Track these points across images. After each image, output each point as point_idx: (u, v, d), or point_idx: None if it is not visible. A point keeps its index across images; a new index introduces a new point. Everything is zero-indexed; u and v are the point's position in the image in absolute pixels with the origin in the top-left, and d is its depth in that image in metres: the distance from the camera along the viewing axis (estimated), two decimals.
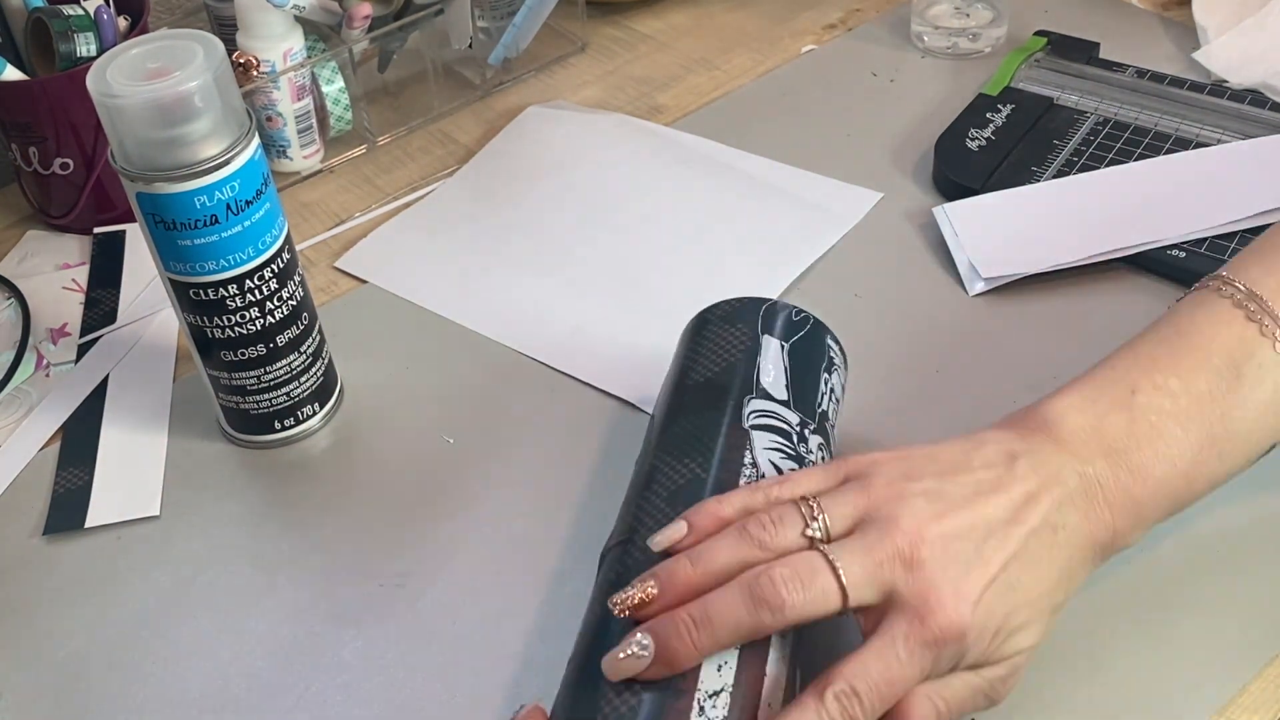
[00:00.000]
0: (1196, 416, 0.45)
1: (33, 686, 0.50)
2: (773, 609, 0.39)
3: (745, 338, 0.50)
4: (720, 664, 0.39)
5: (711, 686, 0.39)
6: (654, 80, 0.84)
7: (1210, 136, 0.70)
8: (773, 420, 0.47)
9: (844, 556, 0.40)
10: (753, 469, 0.45)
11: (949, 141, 0.72)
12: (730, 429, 0.46)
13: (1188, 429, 0.44)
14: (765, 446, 0.46)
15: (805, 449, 0.47)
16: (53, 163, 0.72)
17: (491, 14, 0.85)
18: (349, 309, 0.67)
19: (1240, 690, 0.46)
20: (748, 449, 0.46)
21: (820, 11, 0.89)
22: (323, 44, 0.77)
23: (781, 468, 0.45)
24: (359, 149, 0.79)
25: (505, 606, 0.51)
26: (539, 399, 0.61)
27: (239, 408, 0.58)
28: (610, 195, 0.72)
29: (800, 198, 0.71)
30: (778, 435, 0.46)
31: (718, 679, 0.39)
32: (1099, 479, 0.43)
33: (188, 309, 0.54)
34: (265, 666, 0.50)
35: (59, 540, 0.56)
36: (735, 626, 0.39)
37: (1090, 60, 0.77)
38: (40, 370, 0.66)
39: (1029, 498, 0.42)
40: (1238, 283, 0.47)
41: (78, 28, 0.70)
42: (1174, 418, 0.45)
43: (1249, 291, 0.47)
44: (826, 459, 0.48)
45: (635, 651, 0.39)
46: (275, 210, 0.54)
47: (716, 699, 0.38)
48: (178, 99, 0.49)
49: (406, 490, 0.57)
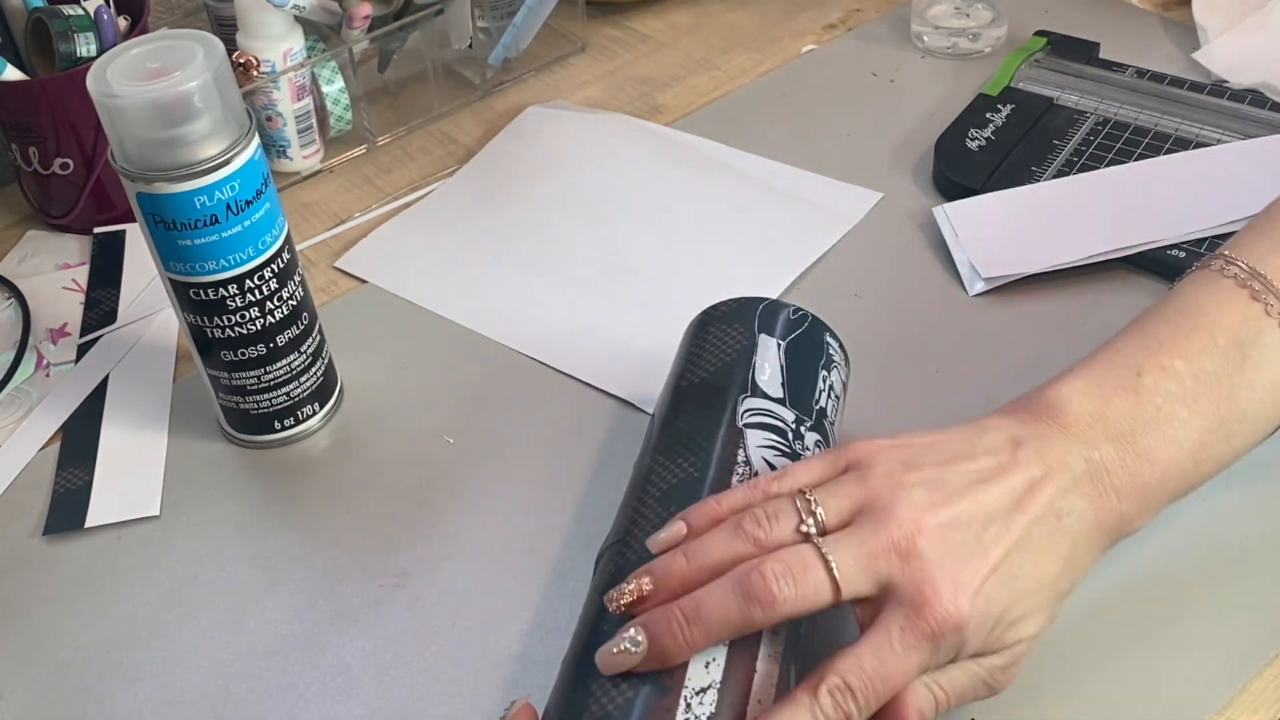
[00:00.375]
0: (1203, 398, 0.44)
1: (33, 686, 0.50)
2: (763, 604, 0.39)
3: (742, 337, 0.50)
4: (709, 660, 0.39)
5: (699, 683, 0.39)
6: (654, 80, 0.84)
7: (1210, 136, 0.70)
8: (767, 418, 0.47)
9: (837, 550, 0.40)
10: (746, 467, 0.45)
11: (949, 141, 0.72)
12: (725, 428, 0.46)
13: (1194, 411, 0.44)
14: (759, 445, 0.46)
15: (801, 446, 0.47)
16: (53, 163, 0.72)
17: (491, 14, 0.85)
18: (349, 309, 0.67)
19: (1240, 690, 0.46)
20: (741, 447, 0.46)
21: (820, 11, 0.89)
22: (323, 44, 0.77)
23: (775, 465, 0.45)
24: (359, 149, 0.79)
25: (505, 606, 0.51)
26: (539, 399, 0.61)
27: (239, 408, 0.58)
28: (610, 195, 0.72)
29: (800, 198, 0.71)
30: (772, 433, 0.46)
31: (705, 676, 0.39)
32: (1105, 464, 0.43)
33: (188, 309, 0.54)
34: (265, 666, 0.50)
35: (59, 540, 0.56)
36: (726, 622, 0.39)
37: (1090, 60, 0.77)
38: (40, 370, 0.66)
39: (1032, 484, 0.42)
40: (1240, 261, 0.47)
41: (78, 28, 0.70)
42: (1180, 400, 0.44)
43: (1252, 270, 0.46)
44: None
45: (627, 646, 0.39)
46: (275, 210, 0.54)
47: (703, 696, 0.38)
48: (178, 99, 0.49)
49: (406, 490, 0.57)
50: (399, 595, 0.52)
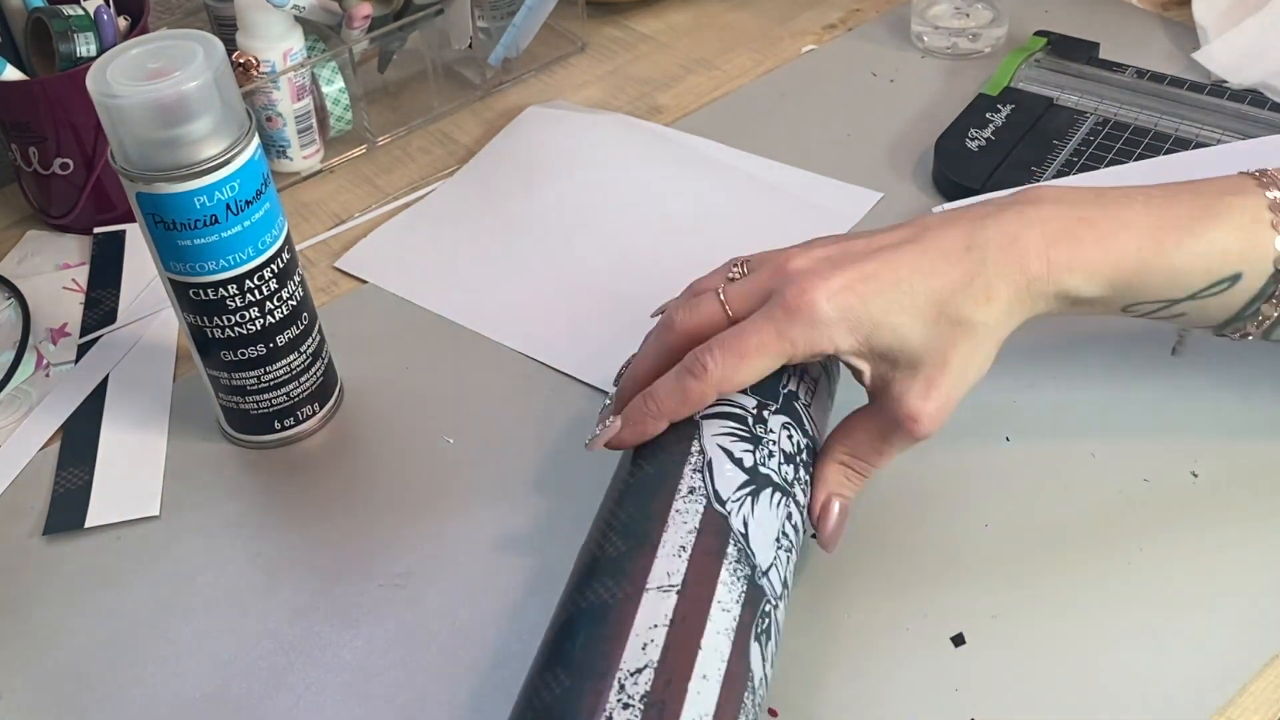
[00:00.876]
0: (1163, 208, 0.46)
1: (33, 686, 0.50)
2: (694, 373, 0.45)
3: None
4: (646, 642, 0.39)
5: (634, 664, 0.39)
6: (654, 80, 0.84)
7: (1210, 136, 0.70)
8: (725, 407, 0.47)
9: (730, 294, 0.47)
10: (700, 455, 0.45)
11: (949, 141, 0.72)
12: (680, 422, 0.47)
13: (1149, 210, 0.45)
14: (715, 433, 0.46)
15: (764, 429, 0.46)
16: (53, 163, 0.72)
17: (491, 14, 0.85)
18: (349, 309, 0.67)
19: (1240, 690, 0.46)
20: (695, 438, 0.46)
21: (820, 11, 0.89)
22: (323, 44, 0.77)
23: (733, 450, 0.45)
24: (359, 149, 0.80)
25: (505, 606, 0.51)
26: (539, 399, 0.61)
27: (239, 408, 0.58)
28: (610, 195, 0.72)
29: (800, 198, 0.71)
30: (729, 420, 0.46)
31: (641, 657, 0.39)
32: (1041, 216, 0.45)
33: (188, 309, 0.54)
34: (265, 666, 0.50)
35: (59, 540, 0.56)
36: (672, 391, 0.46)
37: (1090, 60, 0.77)
38: (40, 370, 0.66)
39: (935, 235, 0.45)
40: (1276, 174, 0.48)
41: (78, 28, 0.70)
42: (1142, 204, 0.46)
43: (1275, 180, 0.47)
44: (794, 438, 0.47)
45: (607, 423, 0.47)
46: (275, 210, 0.54)
47: (638, 676, 0.38)
48: (178, 99, 0.49)
49: (406, 490, 0.57)
50: (399, 595, 0.52)
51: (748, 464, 0.45)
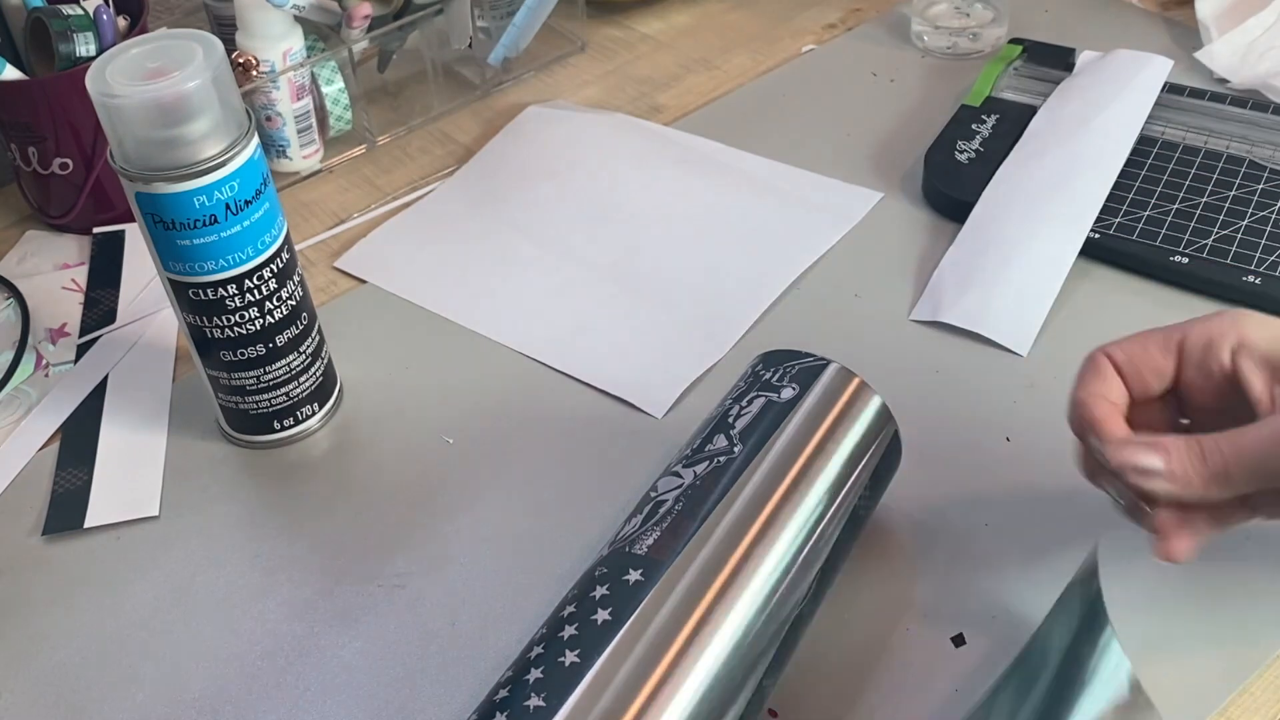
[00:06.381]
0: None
1: (33, 686, 0.50)
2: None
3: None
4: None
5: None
6: (654, 80, 0.84)
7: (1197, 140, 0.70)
8: (673, 457, 0.48)
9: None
10: (653, 491, 0.46)
11: (938, 154, 0.71)
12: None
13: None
14: (662, 476, 0.47)
15: (710, 447, 0.47)
16: (52, 163, 0.72)
17: (491, 14, 0.85)
18: (349, 309, 0.67)
19: (1240, 690, 0.46)
20: (653, 489, 0.46)
21: (820, 11, 0.89)
22: (322, 44, 0.77)
23: (682, 473, 0.46)
24: (359, 149, 0.79)
25: (505, 607, 0.51)
26: (539, 399, 0.61)
27: (238, 408, 0.58)
28: (610, 195, 0.72)
29: (800, 198, 0.71)
30: (671, 467, 0.47)
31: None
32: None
33: (187, 309, 0.54)
34: (265, 666, 0.50)
35: (58, 540, 0.56)
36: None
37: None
38: (39, 370, 0.66)
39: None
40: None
41: (77, 27, 0.70)
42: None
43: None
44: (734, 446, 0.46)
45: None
46: (275, 210, 0.54)
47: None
48: (177, 99, 0.49)
49: (406, 490, 0.57)
50: (399, 595, 0.52)
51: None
